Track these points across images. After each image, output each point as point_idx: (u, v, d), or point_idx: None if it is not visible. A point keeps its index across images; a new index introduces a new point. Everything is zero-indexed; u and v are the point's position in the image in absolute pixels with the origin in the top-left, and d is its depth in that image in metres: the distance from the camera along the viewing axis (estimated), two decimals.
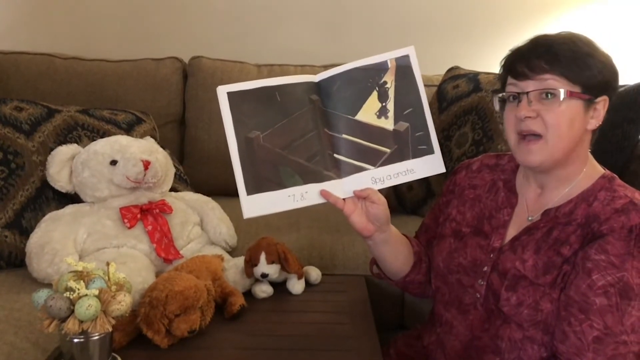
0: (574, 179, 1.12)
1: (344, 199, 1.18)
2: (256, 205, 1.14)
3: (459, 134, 1.99)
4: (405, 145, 1.20)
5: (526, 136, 1.08)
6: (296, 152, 1.17)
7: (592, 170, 1.13)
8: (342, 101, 1.20)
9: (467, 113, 2.00)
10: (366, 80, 1.21)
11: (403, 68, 1.21)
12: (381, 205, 1.18)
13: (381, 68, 1.21)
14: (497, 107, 1.15)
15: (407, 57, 1.22)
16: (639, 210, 1.02)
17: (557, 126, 1.05)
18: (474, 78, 2.08)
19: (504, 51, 1.15)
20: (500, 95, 1.13)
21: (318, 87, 1.20)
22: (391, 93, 1.21)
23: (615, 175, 1.13)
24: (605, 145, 1.62)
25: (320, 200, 1.17)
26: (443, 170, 1.21)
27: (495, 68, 1.17)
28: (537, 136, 1.06)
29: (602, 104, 1.07)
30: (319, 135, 1.19)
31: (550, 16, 2.52)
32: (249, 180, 1.14)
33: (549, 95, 1.04)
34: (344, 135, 1.19)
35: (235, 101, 1.15)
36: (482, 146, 1.89)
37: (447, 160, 1.99)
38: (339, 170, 1.19)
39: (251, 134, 1.15)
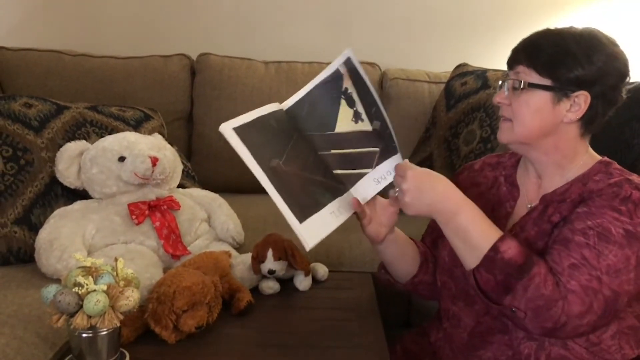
0: (567, 166, 1.15)
1: None
2: (313, 231, 1.10)
3: (466, 131, 1.99)
4: (388, 141, 1.21)
5: (502, 117, 1.17)
6: (313, 171, 1.16)
7: (589, 158, 1.16)
8: (316, 120, 1.19)
9: (475, 110, 2.00)
10: (330, 92, 1.20)
11: (353, 71, 1.20)
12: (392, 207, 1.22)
13: (337, 76, 1.20)
14: None
15: (349, 59, 1.20)
16: (632, 185, 1.06)
17: (520, 113, 1.12)
18: (482, 75, 2.08)
19: (511, 48, 1.16)
20: (499, 83, 1.19)
21: (287, 114, 1.17)
22: (355, 97, 1.20)
23: (613, 161, 1.15)
24: (613, 144, 1.61)
25: (352, 211, 1.18)
26: None
27: (504, 65, 1.18)
28: (509, 119, 1.14)
29: (582, 99, 1.09)
30: (317, 155, 1.19)
31: (560, 13, 2.50)
32: (295, 209, 1.09)
33: (516, 84, 1.11)
34: (333, 151, 1.19)
35: (243, 135, 1.09)
36: (489, 143, 1.89)
37: (455, 157, 2.00)
38: (344, 184, 1.20)
39: (273, 163, 1.11)
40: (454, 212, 1.08)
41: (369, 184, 1.20)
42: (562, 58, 1.08)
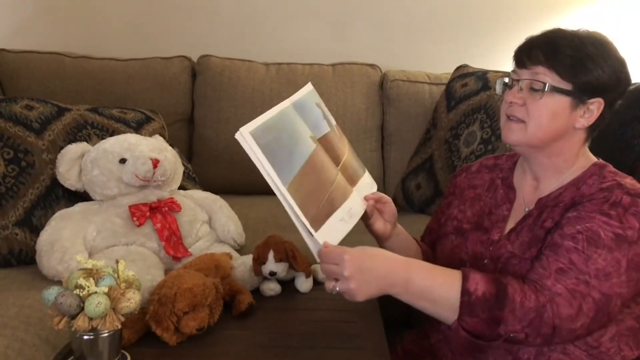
0: (566, 171, 1.15)
1: None
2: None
3: (467, 132, 1.99)
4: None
5: (511, 117, 1.14)
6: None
7: (585, 161, 1.16)
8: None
9: (475, 111, 2.00)
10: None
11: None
12: (391, 202, 1.26)
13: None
14: (499, 90, 1.19)
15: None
16: (623, 190, 1.06)
17: (538, 116, 1.09)
18: (482, 76, 2.08)
19: (512, 49, 1.16)
20: (503, 80, 1.18)
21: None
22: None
23: (607, 163, 1.16)
24: (614, 144, 1.61)
25: (362, 213, 1.20)
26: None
27: (504, 66, 1.19)
28: (521, 120, 1.12)
29: (596, 106, 1.09)
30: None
31: (561, 14, 2.50)
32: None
33: (537, 86, 1.09)
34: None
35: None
36: (490, 145, 1.89)
37: (455, 159, 2.00)
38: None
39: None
40: (407, 277, 1.03)
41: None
42: (584, 61, 1.07)
